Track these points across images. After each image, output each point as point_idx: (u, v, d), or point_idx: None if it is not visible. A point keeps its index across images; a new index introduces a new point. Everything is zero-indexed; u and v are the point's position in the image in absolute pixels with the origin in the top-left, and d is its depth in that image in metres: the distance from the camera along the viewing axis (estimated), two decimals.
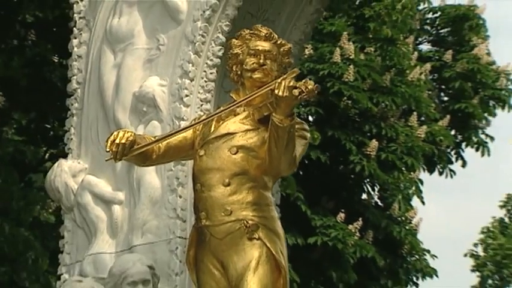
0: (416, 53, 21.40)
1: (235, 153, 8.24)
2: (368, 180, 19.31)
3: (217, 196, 8.24)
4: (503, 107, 21.95)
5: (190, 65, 9.87)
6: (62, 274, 10.27)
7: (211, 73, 9.92)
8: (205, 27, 9.86)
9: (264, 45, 8.44)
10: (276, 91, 7.85)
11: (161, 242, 9.70)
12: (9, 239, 12.57)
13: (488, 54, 22.47)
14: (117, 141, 8.38)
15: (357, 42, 19.34)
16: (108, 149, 8.53)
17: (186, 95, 9.86)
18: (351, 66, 18.29)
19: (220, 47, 9.86)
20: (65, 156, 10.90)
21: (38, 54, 14.48)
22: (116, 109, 10.14)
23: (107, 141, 8.61)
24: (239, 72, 8.49)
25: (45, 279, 12.97)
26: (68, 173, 10.27)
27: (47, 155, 16.09)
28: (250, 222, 8.15)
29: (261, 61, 8.39)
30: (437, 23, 22.71)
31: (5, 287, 12.52)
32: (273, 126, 7.98)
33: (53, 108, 14.86)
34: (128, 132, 8.49)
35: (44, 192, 14.20)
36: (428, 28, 22.68)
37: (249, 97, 8.29)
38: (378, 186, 19.65)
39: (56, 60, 15.20)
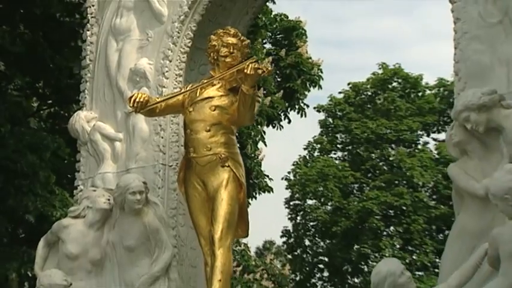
0: (264, 49, 21.61)
1: (213, 110, 8.44)
2: None
3: (201, 138, 8.38)
4: (315, 87, 22.31)
5: (169, 51, 9.75)
6: (79, 185, 10.10)
7: (183, 57, 9.79)
8: (180, 26, 9.73)
9: (232, 40, 8.66)
10: (246, 70, 8.15)
11: (148, 166, 9.57)
12: (29, 163, 12.21)
13: (307, 52, 22.81)
14: (137, 99, 8.46)
15: None
16: (130, 105, 8.51)
17: (166, 71, 9.72)
18: None
19: (190, 40, 9.79)
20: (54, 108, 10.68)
21: (32, 39, 13.86)
22: (118, 79, 9.97)
23: (129, 99, 8.70)
24: (215, 57, 8.70)
25: (51, 188, 12.63)
26: (84, 120, 10.11)
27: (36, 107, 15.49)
28: (223, 155, 8.34)
29: (231, 50, 8.62)
30: (275, 30, 22.87)
31: (24, 195, 12.15)
32: (242, 94, 8.20)
33: (43, 75, 14.35)
34: (144, 94, 8.61)
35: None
36: (270, 34, 22.78)
37: (222, 74, 8.51)
38: (237, 134, 19.75)
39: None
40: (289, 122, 22.29)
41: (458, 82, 8.03)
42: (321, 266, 28.92)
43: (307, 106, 22.56)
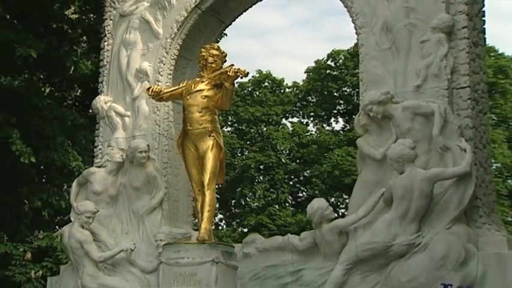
0: None
1: (204, 99, 8.25)
2: None
3: (195, 117, 8.18)
4: None
5: (163, 58, 9.52)
6: (98, 145, 9.76)
7: (172, 62, 9.56)
8: (171, 41, 9.53)
9: (216, 52, 8.45)
10: (229, 73, 7.90)
11: (148, 134, 9.35)
12: (54, 129, 11.72)
13: None
14: (154, 90, 8.19)
15: None
16: (149, 94, 8.24)
17: (161, 71, 9.50)
18: None
19: (177, 51, 9.57)
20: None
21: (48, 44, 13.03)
22: (127, 75, 9.65)
23: (147, 90, 8.36)
24: (204, 63, 8.46)
25: (65, 148, 12.13)
26: (103, 101, 9.73)
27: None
28: (209, 129, 8.19)
29: (215, 59, 8.41)
30: None
31: (50, 151, 11.67)
32: (225, 88, 8.04)
33: (54, 69, 13.62)
34: (158, 87, 8.49)
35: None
36: None
37: (210, 75, 8.30)
38: None
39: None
40: None
41: (362, 86, 8.15)
42: None
43: None
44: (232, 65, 8.01)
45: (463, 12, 7.78)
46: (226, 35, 19.20)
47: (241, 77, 7.94)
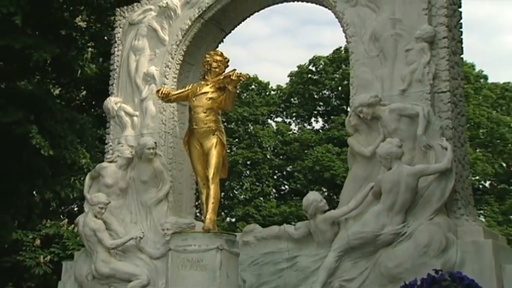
0: None
1: (208, 100, 8.05)
2: None
3: (200, 117, 7.99)
4: None
5: (169, 63, 9.41)
6: (109, 142, 9.62)
7: (177, 67, 9.46)
8: (176, 48, 9.43)
9: (219, 58, 8.27)
10: (232, 77, 7.79)
11: (155, 133, 9.25)
12: (64, 130, 11.54)
13: None
14: (163, 92, 8.05)
15: None
16: (158, 95, 8.12)
17: (167, 75, 9.40)
18: None
19: (181, 57, 9.47)
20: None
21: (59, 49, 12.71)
22: (136, 78, 9.53)
23: (157, 92, 8.22)
24: (208, 68, 8.25)
25: (75, 146, 11.96)
26: (113, 102, 9.60)
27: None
28: (213, 128, 7.99)
29: (218, 64, 8.22)
30: None
31: (62, 149, 11.51)
32: (228, 91, 7.91)
33: (63, 72, 13.38)
34: (167, 89, 8.31)
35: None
36: None
37: (214, 79, 8.12)
38: None
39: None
40: None
41: (352, 89, 8.12)
42: None
43: None
44: (235, 69, 7.89)
45: (443, 24, 7.81)
46: (222, 41, 19.07)
47: (243, 81, 7.84)
